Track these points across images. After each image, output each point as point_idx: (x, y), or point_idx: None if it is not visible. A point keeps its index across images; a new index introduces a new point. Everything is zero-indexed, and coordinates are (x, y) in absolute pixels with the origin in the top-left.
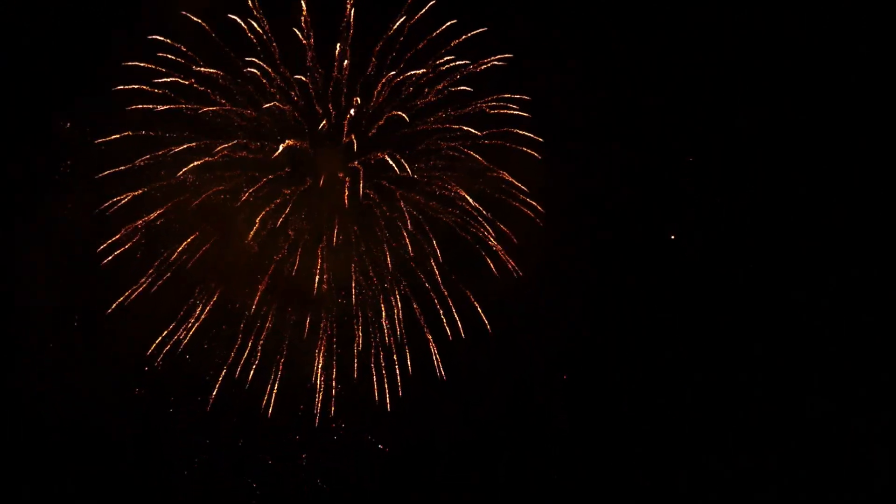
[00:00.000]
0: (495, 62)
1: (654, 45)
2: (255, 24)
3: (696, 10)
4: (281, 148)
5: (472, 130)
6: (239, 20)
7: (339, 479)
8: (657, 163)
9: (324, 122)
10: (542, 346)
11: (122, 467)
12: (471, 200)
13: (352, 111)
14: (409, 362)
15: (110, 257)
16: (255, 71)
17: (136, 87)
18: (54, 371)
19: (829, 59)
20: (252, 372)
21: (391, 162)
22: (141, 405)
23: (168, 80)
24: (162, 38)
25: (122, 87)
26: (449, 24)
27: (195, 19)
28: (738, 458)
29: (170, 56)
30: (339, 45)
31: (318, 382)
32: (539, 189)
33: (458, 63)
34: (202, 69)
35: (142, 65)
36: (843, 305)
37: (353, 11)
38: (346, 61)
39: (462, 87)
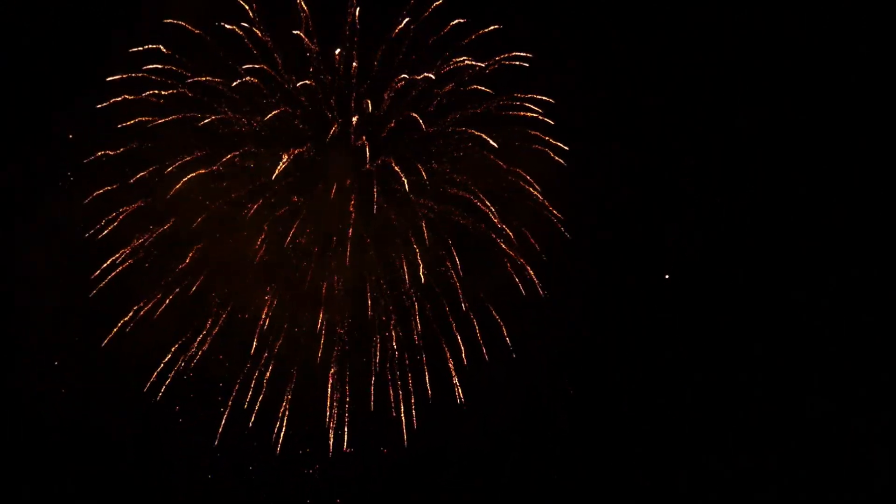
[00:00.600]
0: (515, 62)
1: (654, 45)
2: (256, 30)
3: (696, 10)
4: (286, 158)
5: (482, 135)
6: (237, 28)
7: (349, 489)
8: (657, 163)
9: (334, 126)
10: (545, 347)
11: (122, 468)
12: (488, 203)
13: (355, 117)
14: (428, 388)
15: (110, 276)
16: (254, 79)
17: (137, 96)
18: (54, 371)
19: (829, 59)
20: (265, 383)
21: (400, 172)
22: (143, 406)
23: (173, 91)
24: (162, 48)
25: (126, 97)
26: (455, 22)
27: (196, 30)
28: (738, 458)
29: (170, 66)
30: (339, 48)
31: (330, 396)
32: (544, 190)
33: (471, 63)
34: (204, 77)
35: (143, 75)
36: (843, 305)
37: (357, 11)
38: (353, 63)
39: (477, 87)
